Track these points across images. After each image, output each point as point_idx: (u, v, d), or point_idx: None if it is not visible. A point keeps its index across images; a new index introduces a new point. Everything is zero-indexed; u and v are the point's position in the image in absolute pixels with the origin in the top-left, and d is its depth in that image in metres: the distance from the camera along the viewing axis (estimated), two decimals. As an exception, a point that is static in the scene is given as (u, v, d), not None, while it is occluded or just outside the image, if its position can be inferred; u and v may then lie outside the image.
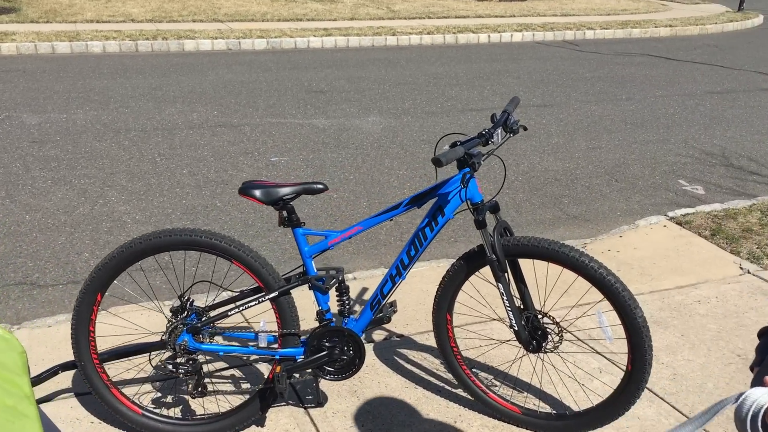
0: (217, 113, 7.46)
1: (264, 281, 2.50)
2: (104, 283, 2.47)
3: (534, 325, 2.59)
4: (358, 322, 2.62)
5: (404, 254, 2.56)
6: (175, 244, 2.45)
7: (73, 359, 2.56)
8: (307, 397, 2.90)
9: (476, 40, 13.45)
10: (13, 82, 8.44)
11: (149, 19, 13.24)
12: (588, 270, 2.41)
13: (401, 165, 6.15)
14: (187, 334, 2.51)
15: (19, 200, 5.08)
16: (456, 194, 2.49)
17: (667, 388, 3.04)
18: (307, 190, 2.45)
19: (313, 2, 16.42)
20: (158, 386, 2.89)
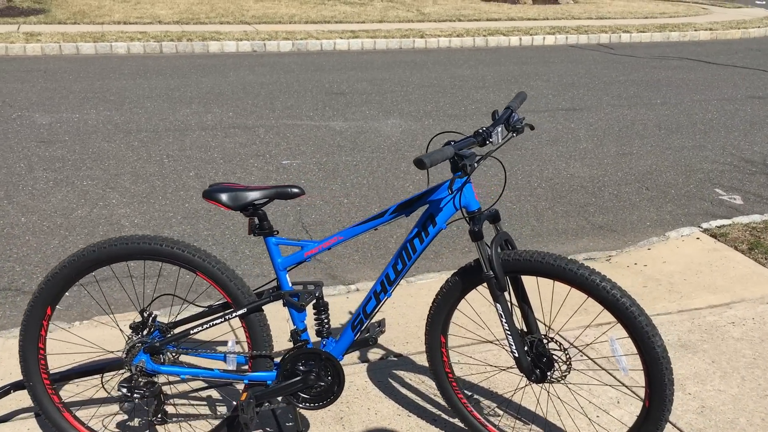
0: (232, 114, 7.25)
1: (232, 296, 2.23)
2: (54, 295, 2.22)
3: (538, 351, 2.27)
4: (337, 345, 2.32)
5: (390, 268, 2.27)
6: (133, 253, 2.19)
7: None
8: (287, 424, 2.62)
9: (507, 43, 13.10)
10: (31, 82, 8.36)
11: (176, 21, 13.17)
12: (599, 291, 2.09)
13: (419, 170, 5.84)
14: (145, 354, 2.25)
15: (17, 201, 4.91)
16: (449, 201, 2.19)
17: (694, 423, 2.68)
18: (281, 194, 2.18)
19: (342, 5, 16.22)
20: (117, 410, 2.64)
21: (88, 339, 2.96)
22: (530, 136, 6.89)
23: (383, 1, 17.18)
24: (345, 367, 2.99)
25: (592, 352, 3.05)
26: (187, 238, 4.45)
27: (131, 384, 2.23)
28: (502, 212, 5.12)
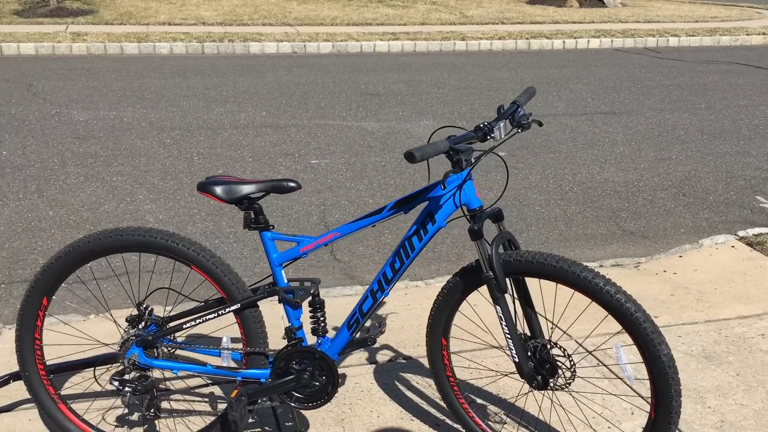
0: (265, 114, 7.27)
1: (227, 291, 2.19)
2: (50, 286, 2.21)
3: (541, 356, 2.17)
4: (333, 344, 2.26)
5: (388, 267, 2.20)
6: (127, 245, 2.17)
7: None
8: (286, 424, 2.57)
9: (550, 46, 12.90)
10: (73, 80, 8.54)
11: (220, 22, 13.33)
12: (603, 295, 1.98)
13: (447, 171, 5.76)
14: (137, 348, 2.22)
15: (47, 195, 4.99)
16: (449, 198, 2.11)
17: (713, 439, 2.54)
18: (277, 188, 2.13)
19: (384, 7, 16.21)
20: (113, 403, 2.62)
21: (85, 332, 2.97)
22: (565, 139, 6.73)
23: (426, 4, 17.11)
24: (351, 368, 2.95)
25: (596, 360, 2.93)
26: (209, 235, 4.45)
27: (123, 377, 2.21)
28: (530, 215, 5.00)
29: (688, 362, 3.04)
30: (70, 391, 2.70)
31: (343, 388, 2.81)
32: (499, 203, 2.24)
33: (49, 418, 2.34)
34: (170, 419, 2.53)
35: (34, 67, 9.29)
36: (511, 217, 4.95)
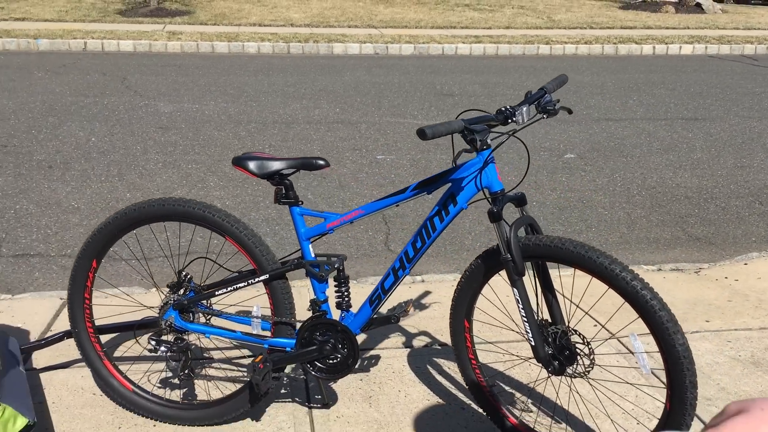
0: (339, 110, 7.44)
1: (257, 262, 2.31)
2: (99, 249, 2.39)
3: (561, 343, 2.18)
4: (355, 318, 2.34)
5: (410, 246, 2.26)
6: (168, 214, 2.32)
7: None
8: (316, 396, 2.67)
9: (639, 51, 12.55)
10: (164, 75, 8.99)
11: (307, 24, 13.68)
12: (618, 281, 1.97)
13: (511, 171, 5.75)
14: (174, 311, 2.37)
15: (127, 179, 5.30)
16: (471, 181, 2.15)
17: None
18: (306, 165, 2.23)
19: (471, 11, 16.19)
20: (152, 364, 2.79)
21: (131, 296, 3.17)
22: (640, 144, 6.57)
23: (514, 8, 16.97)
24: (385, 350, 3.02)
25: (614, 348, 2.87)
26: (270, 222, 4.62)
27: (160, 338, 2.36)
28: (592, 216, 4.92)
29: (734, 366, 2.94)
30: (115, 350, 2.89)
31: (374, 368, 2.88)
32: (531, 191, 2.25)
33: (94, 372, 2.52)
34: (203, 381, 2.68)
35: (130, 63, 9.83)
36: (572, 218, 4.90)
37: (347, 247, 4.35)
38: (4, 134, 6.27)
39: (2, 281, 3.81)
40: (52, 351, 2.91)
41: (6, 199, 4.87)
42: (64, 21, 12.95)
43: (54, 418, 2.51)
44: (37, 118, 6.79)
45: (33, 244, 4.24)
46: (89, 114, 7.00)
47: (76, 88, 8.07)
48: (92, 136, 6.31)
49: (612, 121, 7.37)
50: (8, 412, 2.05)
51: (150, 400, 2.48)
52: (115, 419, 2.51)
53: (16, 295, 3.53)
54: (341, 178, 5.44)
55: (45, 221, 4.55)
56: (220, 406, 2.43)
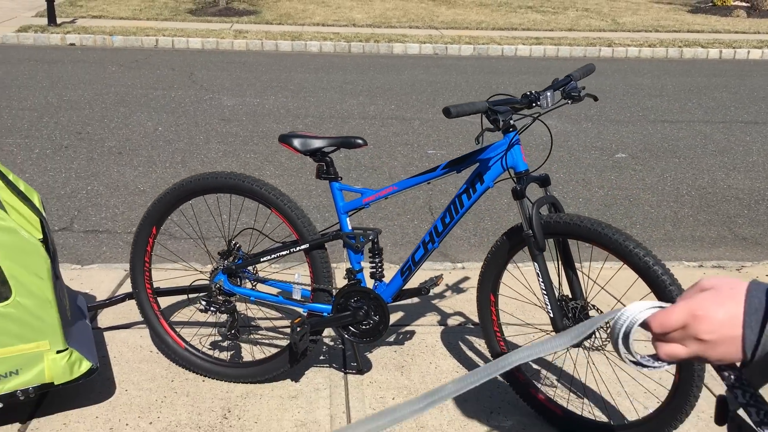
0: (394, 107, 7.63)
1: (299, 232, 2.51)
2: (159, 217, 2.64)
3: (580, 317, 2.30)
4: (387, 288, 2.52)
5: (439, 221, 2.42)
6: (220, 186, 2.54)
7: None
8: (352, 363, 2.85)
9: (704, 55, 12.34)
10: (229, 71, 9.36)
11: (369, 24, 13.93)
12: (632, 257, 2.09)
13: (560, 168, 5.83)
14: (223, 275, 2.60)
15: (189, 166, 5.62)
16: (497, 161, 2.30)
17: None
18: (346, 143, 2.42)
19: (533, 13, 16.17)
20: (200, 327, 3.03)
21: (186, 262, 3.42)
22: (695, 145, 6.54)
23: (578, 11, 16.85)
24: (421, 327, 3.18)
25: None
26: (321, 209, 4.85)
27: (210, 299, 2.59)
28: (638, 213, 4.97)
29: (761, 357, 3.00)
30: (171, 314, 3.15)
31: (409, 341, 3.05)
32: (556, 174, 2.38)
33: (152, 330, 2.77)
34: (248, 345, 2.90)
35: (198, 59, 10.26)
36: (618, 214, 4.95)
37: (393, 234, 4.52)
38: (79, 122, 6.70)
39: (74, 253, 4.14)
40: (115, 314, 3.18)
41: (79, 181, 5.23)
42: (138, 19, 13.56)
43: (115, 369, 2.77)
44: (109, 108, 7.21)
45: (102, 222, 4.57)
46: (157, 105, 7.39)
47: (147, 82, 8.50)
48: (159, 125, 6.68)
49: (668, 123, 7.34)
50: (75, 356, 2.30)
51: (200, 357, 2.71)
52: (169, 373, 2.76)
53: (85, 265, 3.84)
54: (392, 171, 5.63)
55: (113, 201, 4.89)
56: (262, 365, 2.64)
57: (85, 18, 13.42)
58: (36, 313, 2.20)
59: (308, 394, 2.65)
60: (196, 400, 2.60)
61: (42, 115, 6.87)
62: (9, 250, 2.14)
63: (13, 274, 2.15)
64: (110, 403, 2.56)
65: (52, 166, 5.52)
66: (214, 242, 4.23)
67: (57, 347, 2.26)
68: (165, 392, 2.64)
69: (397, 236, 4.50)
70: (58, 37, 11.35)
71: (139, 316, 3.11)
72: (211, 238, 4.28)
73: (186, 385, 2.69)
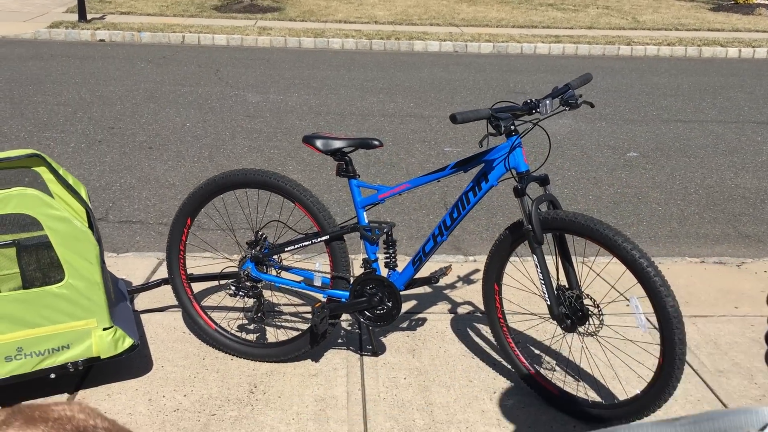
0: (413, 105, 7.86)
1: (320, 225, 2.76)
2: (193, 210, 2.90)
3: (575, 305, 2.53)
4: (400, 276, 2.76)
5: (447, 216, 2.65)
6: (249, 182, 2.79)
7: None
8: (367, 347, 3.10)
9: (723, 54, 12.40)
10: (254, 68, 9.64)
11: (390, 21, 14.15)
12: (620, 250, 2.31)
13: (573, 166, 6.02)
14: (251, 263, 2.85)
15: (216, 161, 5.89)
16: (501, 162, 2.53)
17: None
18: (363, 144, 2.65)
19: (554, 10, 16.28)
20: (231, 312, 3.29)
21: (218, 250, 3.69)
22: (706, 145, 6.70)
23: (599, 8, 16.93)
24: (432, 314, 3.42)
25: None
26: (341, 203, 5.09)
27: (238, 284, 2.85)
28: (645, 211, 5.16)
29: (751, 346, 3.20)
30: (203, 299, 3.42)
31: (420, 327, 3.29)
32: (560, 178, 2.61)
33: (185, 312, 3.04)
34: (272, 328, 3.16)
35: (223, 56, 10.55)
36: (626, 212, 5.15)
37: (409, 228, 4.76)
38: (111, 117, 7.01)
39: (109, 242, 4.42)
40: (150, 298, 3.46)
41: (113, 174, 5.53)
42: (165, 15, 13.90)
43: (152, 348, 3.04)
44: (139, 104, 7.52)
45: (135, 213, 4.86)
46: (185, 102, 7.68)
47: (174, 78, 8.80)
48: (187, 121, 6.97)
49: (681, 123, 7.49)
50: (119, 333, 2.57)
51: (229, 338, 2.98)
52: (200, 352, 3.02)
53: (120, 253, 4.12)
54: (409, 167, 5.86)
55: (145, 194, 5.17)
56: (285, 346, 2.90)
57: (113, 14, 13.78)
58: (86, 294, 2.47)
59: (327, 373, 2.90)
60: (225, 376, 2.87)
61: (76, 111, 7.19)
62: (63, 237, 2.41)
63: (66, 259, 2.42)
64: (148, 378, 2.83)
65: (87, 159, 5.83)
66: (242, 233, 4.50)
67: (103, 325, 2.53)
68: (197, 369, 2.91)
69: (412, 230, 4.74)
70: (89, 33, 11.71)
71: (172, 301, 3.38)
72: (239, 230, 4.55)
73: (216, 363, 2.95)
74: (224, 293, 3.44)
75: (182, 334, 3.17)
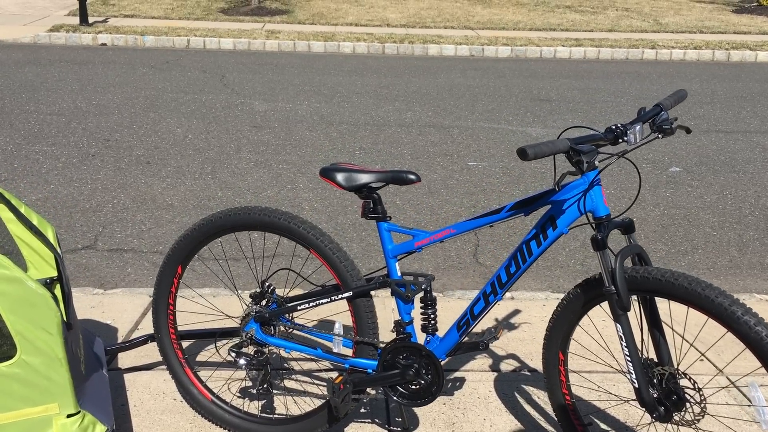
0: (431, 114, 7.31)
1: (341, 278, 2.21)
2: (185, 256, 2.36)
3: (668, 386, 1.98)
4: (441, 343, 2.21)
5: (503, 270, 2.10)
6: (253, 223, 2.26)
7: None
8: (396, 419, 2.55)
9: (753, 58, 11.81)
10: (261, 74, 9.12)
11: (403, 25, 13.61)
12: (740, 325, 1.76)
13: (611, 183, 5.46)
14: (255, 324, 2.31)
15: (219, 178, 5.36)
16: (574, 203, 1.98)
17: None
18: (396, 179, 2.11)
19: (572, 13, 15.70)
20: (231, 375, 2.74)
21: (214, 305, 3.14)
22: (754, 159, 6.13)
23: (618, 11, 16.34)
24: (470, 372, 2.87)
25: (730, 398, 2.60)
26: (357, 227, 4.55)
27: (240, 350, 2.31)
28: (699, 236, 4.60)
29: None
30: (196, 356, 2.87)
31: (459, 391, 2.74)
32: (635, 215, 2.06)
33: (175, 379, 2.50)
34: (282, 397, 2.61)
35: (229, 61, 10.03)
36: (677, 237, 4.59)
37: (434, 257, 4.22)
38: (108, 129, 6.49)
39: (96, 275, 3.90)
40: (138, 351, 2.92)
41: (105, 193, 5.00)
42: (169, 18, 13.40)
43: (135, 422, 2.51)
44: (138, 114, 7.00)
45: (127, 240, 4.33)
46: (188, 111, 7.16)
47: (177, 85, 8.29)
48: (189, 132, 6.44)
49: (722, 133, 6.92)
50: (87, 419, 2.03)
51: (228, 411, 2.43)
52: (194, 427, 2.48)
53: (108, 290, 3.59)
54: (431, 185, 5.31)
55: (140, 217, 4.64)
56: (298, 423, 2.35)
57: (117, 17, 13.29)
58: (44, 373, 1.93)
59: (348, 457, 2.36)
60: (223, 461, 2.32)
61: (70, 121, 6.68)
62: (13, 303, 1.87)
63: (18, 330, 1.88)
64: (128, 464, 2.30)
65: (78, 176, 5.31)
66: (244, 279, 3.95)
67: (67, 410, 1.99)
68: (189, 451, 2.37)
69: (438, 259, 4.19)
70: (90, 37, 11.21)
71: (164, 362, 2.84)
72: (240, 276, 4.00)
73: (213, 442, 2.41)
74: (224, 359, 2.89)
75: (172, 401, 2.63)
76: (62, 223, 4.49)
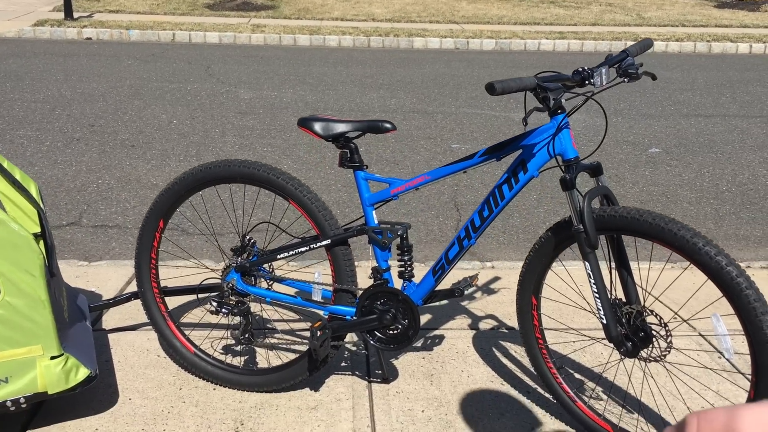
0: (415, 101, 7.38)
1: (320, 227, 2.27)
2: (166, 209, 2.41)
3: (635, 324, 2.04)
4: (417, 289, 2.26)
5: (476, 215, 2.16)
6: (233, 176, 2.31)
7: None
8: (376, 371, 2.61)
9: (734, 50, 11.96)
10: (247, 65, 9.15)
11: (389, 19, 13.68)
12: (701, 255, 1.83)
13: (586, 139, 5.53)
14: (236, 274, 2.36)
15: (204, 159, 5.39)
16: (544, 147, 2.04)
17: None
18: (373, 127, 2.17)
19: (556, 8, 15.82)
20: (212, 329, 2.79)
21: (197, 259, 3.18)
22: (732, 140, 6.23)
23: (601, 5, 16.49)
24: (450, 330, 2.93)
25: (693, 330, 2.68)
26: (341, 204, 4.60)
27: (221, 300, 2.35)
28: (677, 211, 4.68)
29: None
30: (180, 315, 2.92)
31: (438, 347, 2.80)
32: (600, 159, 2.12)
33: (158, 333, 2.54)
34: (263, 350, 2.66)
35: (215, 53, 10.06)
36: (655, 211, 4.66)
37: (417, 231, 4.28)
38: (92, 115, 6.51)
39: (81, 249, 3.93)
40: (121, 314, 2.96)
41: (90, 174, 5.03)
42: (155, 13, 13.40)
43: (118, 375, 2.55)
44: (123, 101, 7.02)
45: (112, 216, 4.36)
46: (173, 98, 7.18)
47: (162, 75, 8.31)
48: (174, 118, 6.47)
49: (702, 117, 7.03)
50: (71, 362, 2.08)
51: (211, 363, 2.48)
52: (177, 380, 2.52)
53: (92, 262, 3.62)
54: (414, 165, 5.38)
55: (124, 195, 4.68)
56: (279, 372, 2.40)
57: (102, 12, 13.28)
58: (27, 315, 1.97)
59: (329, 405, 2.41)
60: (206, 410, 2.37)
61: (54, 108, 6.69)
62: (-3, 244, 1.91)
63: (1, 271, 1.93)
64: (112, 414, 2.33)
65: (63, 159, 5.33)
66: (228, 238, 4.00)
67: (51, 352, 2.03)
68: (172, 401, 2.41)
69: (421, 233, 4.25)
70: (75, 32, 11.20)
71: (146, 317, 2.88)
72: (224, 234, 4.05)
73: (195, 393, 2.46)
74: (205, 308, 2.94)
75: (156, 357, 2.67)
76: (47, 202, 4.51)
